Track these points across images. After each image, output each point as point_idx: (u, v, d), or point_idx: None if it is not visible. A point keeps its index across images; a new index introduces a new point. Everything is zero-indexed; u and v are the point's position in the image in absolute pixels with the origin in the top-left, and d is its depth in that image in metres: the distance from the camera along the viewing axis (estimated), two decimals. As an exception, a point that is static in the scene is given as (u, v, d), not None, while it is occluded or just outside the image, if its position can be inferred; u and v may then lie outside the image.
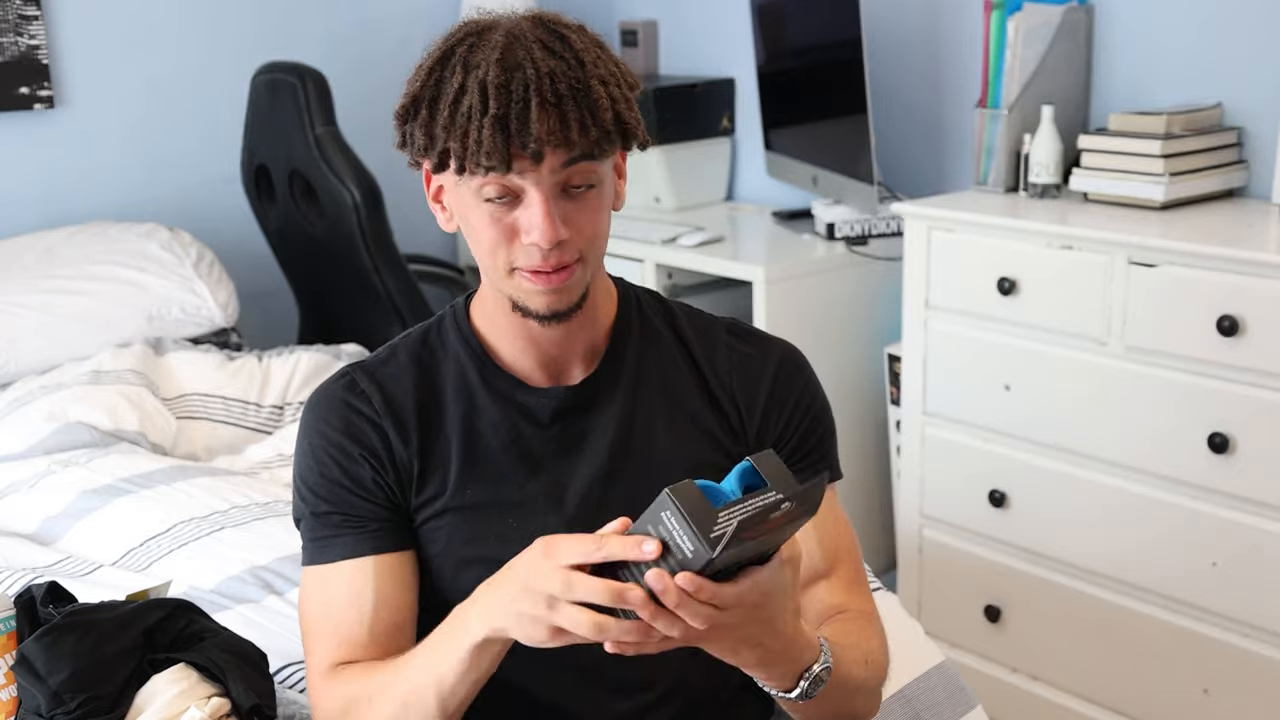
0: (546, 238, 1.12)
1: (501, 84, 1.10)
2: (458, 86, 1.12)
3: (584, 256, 1.17)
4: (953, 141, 2.90)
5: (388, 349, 1.30)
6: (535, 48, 1.12)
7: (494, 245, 1.16)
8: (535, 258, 1.14)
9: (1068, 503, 2.30)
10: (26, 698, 1.32)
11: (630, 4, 3.60)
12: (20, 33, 2.92)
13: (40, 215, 3.02)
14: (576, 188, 1.14)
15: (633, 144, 1.18)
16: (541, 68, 1.11)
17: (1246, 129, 2.40)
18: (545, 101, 1.10)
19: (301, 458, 1.27)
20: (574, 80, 1.11)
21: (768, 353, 1.31)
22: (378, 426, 1.25)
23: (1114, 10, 2.55)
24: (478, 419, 1.25)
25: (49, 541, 2.11)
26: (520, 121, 1.09)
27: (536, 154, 1.10)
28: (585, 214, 1.16)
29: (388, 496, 1.25)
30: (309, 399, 1.30)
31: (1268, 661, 2.08)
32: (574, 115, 1.11)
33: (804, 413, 1.30)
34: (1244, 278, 2.01)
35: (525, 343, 1.24)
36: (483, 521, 1.24)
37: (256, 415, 2.63)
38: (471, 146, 1.10)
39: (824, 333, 2.80)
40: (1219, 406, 2.06)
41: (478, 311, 1.28)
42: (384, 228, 2.79)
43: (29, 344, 2.62)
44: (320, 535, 1.25)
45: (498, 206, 1.14)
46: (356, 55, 3.39)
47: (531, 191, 1.12)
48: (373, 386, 1.26)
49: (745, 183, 3.42)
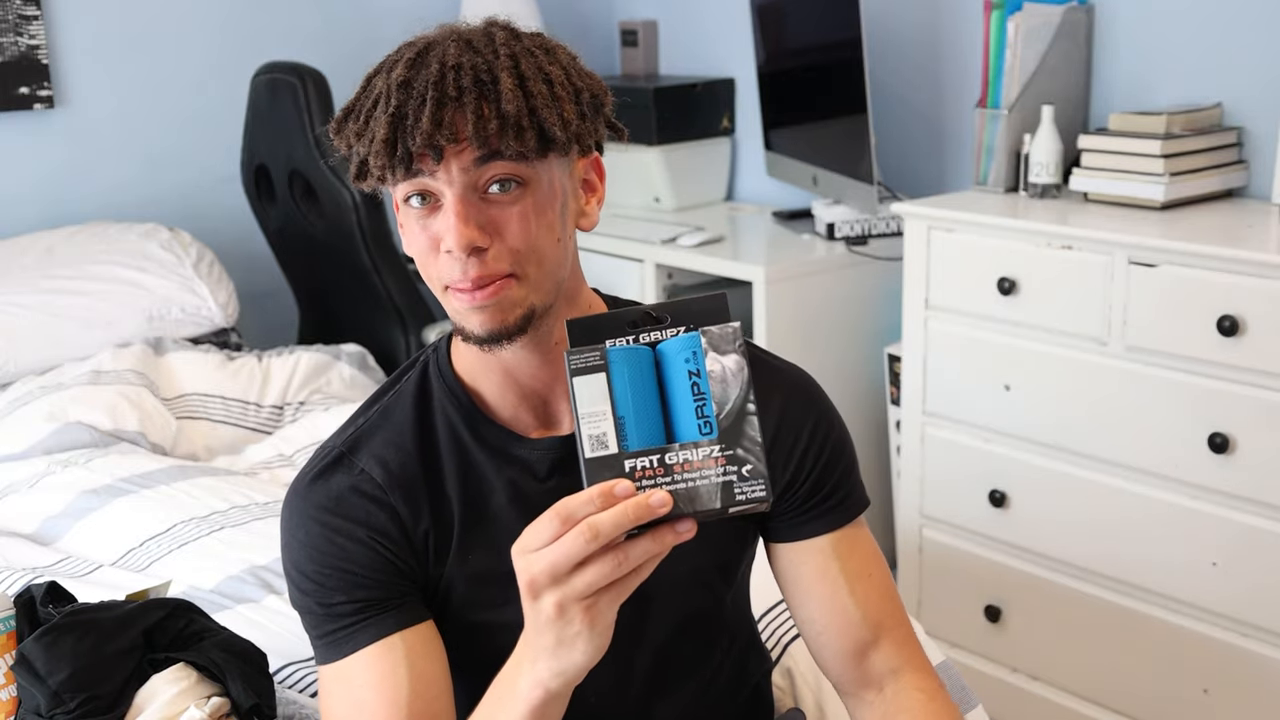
0: (457, 240, 1.03)
1: (404, 82, 1.04)
2: (377, 93, 1.07)
3: (517, 273, 1.06)
4: (953, 141, 2.90)
5: (378, 411, 1.19)
6: (453, 46, 1.07)
7: (425, 258, 1.08)
8: (456, 269, 1.05)
9: (1068, 503, 2.30)
10: (26, 697, 1.32)
11: (630, 4, 3.60)
12: (20, 33, 2.92)
13: (40, 215, 3.02)
14: (501, 189, 1.05)
15: (556, 148, 1.06)
16: (448, 63, 1.05)
17: (1246, 129, 2.40)
18: (444, 96, 1.03)
19: (298, 550, 1.15)
20: (480, 73, 1.04)
21: (776, 384, 1.20)
22: (385, 505, 1.15)
23: (1114, 10, 2.55)
24: (474, 477, 1.16)
25: (49, 541, 2.11)
26: (415, 117, 1.03)
27: (433, 150, 1.02)
28: (511, 221, 1.05)
29: (404, 574, 1.15)
30: (294, 487, 1.18)
31: (1268, 661, 2.08)
32: (472, 108, 1.02)
33: (819, 447, 1.20)
34: (1244, 278, 2.01)
35: (502, 379, 1.15)
36: (486, 588, 1.17)
37: (256, 415, 2.63)
38: (374, 149, 1.04)
39: (824, 333, 2.80)
40: (1219, 406, 2.06)
41: (457, 350, 1.19)
42: (384, 228, 2.79)
43: (29, 344, 2.62)
44: (334, 629, 1.13)
45: (420, 213, 1.07)
46: (356, 56, 3.36)
47: (445, 192, 1.05)
48: (371, 461, 1.15)
49: (745, 183, 3.42)
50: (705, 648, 1.28)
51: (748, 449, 0.91)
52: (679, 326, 0.95)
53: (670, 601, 1.21)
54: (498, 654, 1.21)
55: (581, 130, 1.08)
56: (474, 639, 1.20)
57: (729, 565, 1.25)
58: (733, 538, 1.23)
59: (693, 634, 1.25)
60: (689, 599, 1.22)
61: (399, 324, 2.89)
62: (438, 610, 1.18)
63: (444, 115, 1.03)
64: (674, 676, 1.26)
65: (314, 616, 1.15)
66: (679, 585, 1.21)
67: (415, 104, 1.03)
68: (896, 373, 2.73)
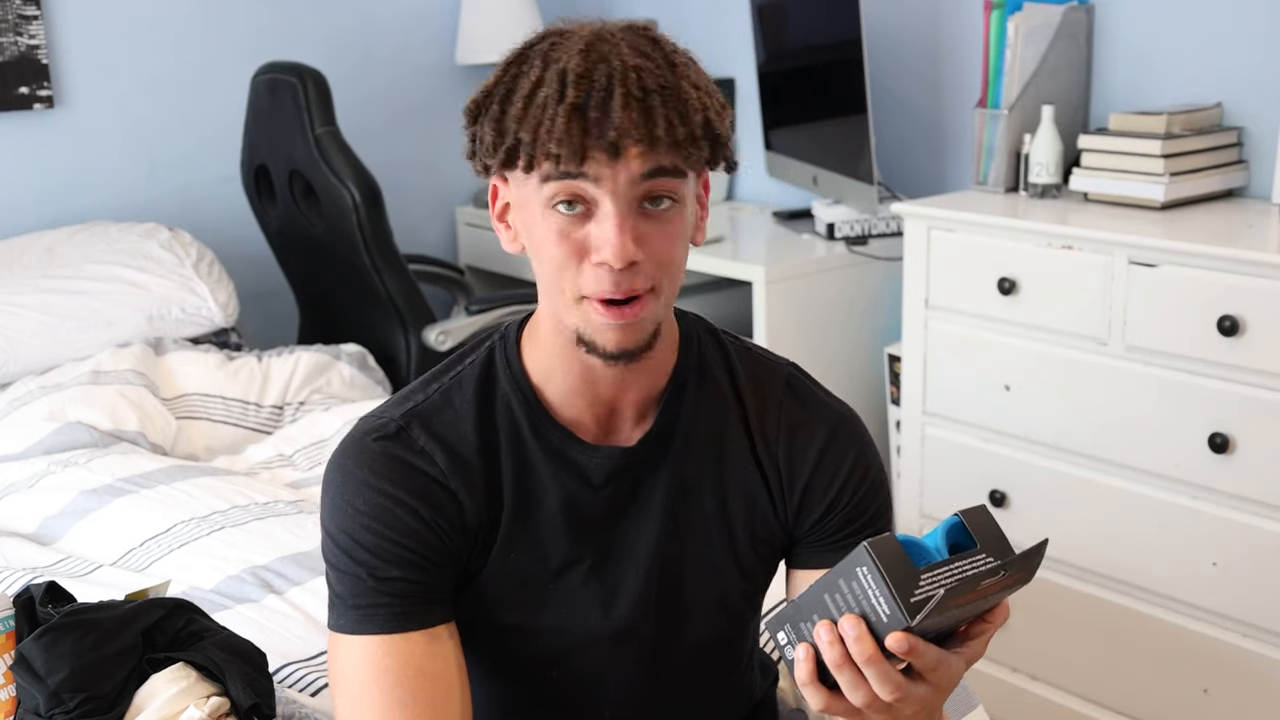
0: (618, 255, 0.99)
1: (583, 73, 0.99)
2: (535, 79, 1.01)
3: (656, 288, 1.04)
4: (953, 141, 2.90)
5: (438, 392, 1.15)
6: (623, 45, 1.02)
7: (560, 266, 1.03)
8: (605, 282, 1.01)
9: (1068, 503, 2.30)
10: (25, 697, 1.32)
11: (630, 4, 3.60)
12: (20, 33, 2.92)
13: (40, 215, 3.01)
14: (657, 204, 1.02)
15: (721, 159, 1.05)
16: (628, 61, 1.00)
17: (1246, 129, 2.40)
18: (630, 94, 0.98)
19: (352, 516, 1.10)
20: (662, 79, 1.00)
21: (819, 421, 1.19)
22: (447, 489, 1.12)
23: (1114, 10, 2.55)
24: (529, 476, 1.14)
25: (48, 541, 2.11)
26: (601, 110, 0.98)
27: (614, 148, 0.98)
28: (662, 238, 1.03)
29: (455, 562, 1.13)
30: (347, 450, 1.13)
31: (1268, 661, 2.08)
32: (660, 111, 0.99)
33: (854, 488, 1.19)
34: (1244, 278, 2.01)
35: (579, 383, 1.12)
36: (524, 589, 1.16)
37: (256, 415, 2.63)
38: (543, 135, 0.98)
39: (824, 333, 2.80)
40: (1219, 406, 2.06)
41: (529, 342, 1.15)
42: (384, 228, 2.79)
43: (29, 344, 2.62)
44: (383, 603, 1.10)
45: (566, 219, 1.01)
46: (357, 55, 3.38)
47: (605, 202, 1.00)
48: (432, 442, 1.12)
49: (745, 183, 3.42)
50: (721, 670, 1.28)
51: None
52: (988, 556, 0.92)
53: (699, 623, 1.21)
54: (523, 655, 1.20)
55: (731, 146, 1.07)
56: (504, 639, 1.19)
57: (755, 591, 1.25)
58: (761, 563, 1.24)
59: (713, 656, 1.26)
60: (716, 622, 1.23)
61: (399, 324, 2.88)
62: (467, 605, 1.16)
63: (630, 114, 0.98)
64: (688, 696, 1.26)
65: (360, 584, 1.10)
66: (709, 608, 1.21)
67: (599, 97, 0.98)
68: (896, 373, 2.73)
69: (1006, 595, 0.93)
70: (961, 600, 0.88)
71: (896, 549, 0.88)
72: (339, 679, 1.12)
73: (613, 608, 1.18)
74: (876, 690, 0.92)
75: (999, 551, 0.91)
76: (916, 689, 0.94)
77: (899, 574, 0.87)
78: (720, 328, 1.25)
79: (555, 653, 1.19)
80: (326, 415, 2.56)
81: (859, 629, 0.90)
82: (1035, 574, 0.93)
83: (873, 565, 0.87)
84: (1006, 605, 0.97)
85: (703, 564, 1.20)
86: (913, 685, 0.94)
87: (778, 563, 1.26)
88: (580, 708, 1.22)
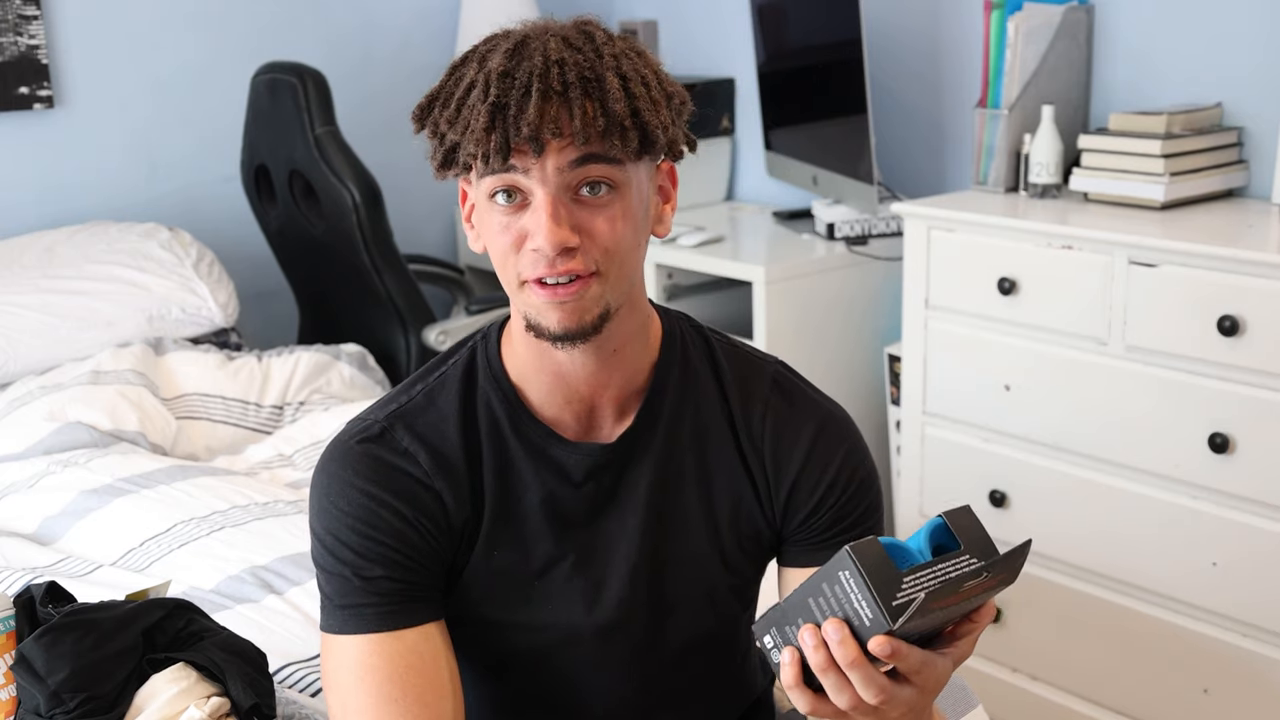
0: (549, 240, 1.03)
1: (505, 72, 1.03)
2: (468, 82, 1.06)
3: (600, 271, 1.07)
4: (953, 141, 2.90)
5: (422, 393, 1.17)
6: (552, 41, 1.05)
7: (504, 255, 1.07)
8: (541, 265, 1.05)
9: (1068, 503, 2.30)
10: (26, 697, 1.32)
11: (630, 4, 3.60)
12: (20, 33, 2.92)
13: (40, 215, 3.02)
14: (594, 192, 1.05)
15: (655, 150, 1.07)
16: (551, 56, 1.03)
17: (1246, 129, 2.40)
18: (549, 89, 1.02)
19: (337, 517, 1.13)
20: (585, 70, 1.03)
21: (806, 419, 1.20)
22: (430, 489, 1.14)
23: (1114, 10, 2.55)
24: (510, 474, 1.16)
25: (48, 541, 2.11)
26: (519, 108, 1.01)
27: (535, 143, 1.01)
28: (600, 222, 1.05)
29: (441, 561, 1.15)
30: (332, 454, 1.16)
31: (1268, 661, 2.08)
32: (579, 104, 1.02)
33: (842, 488, 1.20)
34: (1244, 278, 2.01)
35: (553, 379, 1.14)
36: (507, 586, 1.17)
37: (256, 415, 2.63)
38: (468, 137, 1.03)
39: (824, 333, 2.80)
40: (1219, 406, 2.06)
41: (508, 342, 1.18)
42: (384, 228, 2.79)
43: (29, 344, 2.62)
44: (369, 602, 1.11)
45: (506, 212, 1.06)
46: (357, 55, 3.38)
47: (537, 191, 1.04)
48: (415, 443, 1.14)
49: (745, 183, 3.42)
50: (715, 666, 1.28)
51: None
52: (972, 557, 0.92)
53: (686, 619, 1.22)
54: (510, 653, 1.21)
55: (674, 135, 1.09)
56: (487, 635, 1.19)
57: (744, 587, 1.25)
58: (748, 560, 1.24)
59: (704, 652, 1.26)
60: (703, 619, 1.23)
61: (399, 324, 2.89)
62: (454, 603, 1.17)
63: (548, 109, 1.02)
64: (682, 693, 1.26)
65: (347, 584, 1.12)
66: (695, 604, 1.21)
67: (518, 95, 1.02)
68: (896, 373, 2.73)
69: (991, 596, 0.94)
70: (945, 602, 0.88)
71: (879, 552, 0.88)
72: (330, 679, 1.14)
73: (597, 605, 1.18)
74: (861, 693, 0.94)
75: (983, 552, 0.92)
76: (901, 691, 0.95)
77: (881, 577, 0.87)
78: (708, 326, 1.26)
79: (542, 650, 1.20)
80: (326, 415, 2.56)
81: (842, 633, 0.91)
82: (1019, 574, 0.93)
83: (855, 569, 0.88)
84: (993, 605, 0.98)
85: (688, 560, 1.20)
86: (898, 688, 0.95)
87: (767, 560, 1.26)
88: (572, 705, 1.23)
